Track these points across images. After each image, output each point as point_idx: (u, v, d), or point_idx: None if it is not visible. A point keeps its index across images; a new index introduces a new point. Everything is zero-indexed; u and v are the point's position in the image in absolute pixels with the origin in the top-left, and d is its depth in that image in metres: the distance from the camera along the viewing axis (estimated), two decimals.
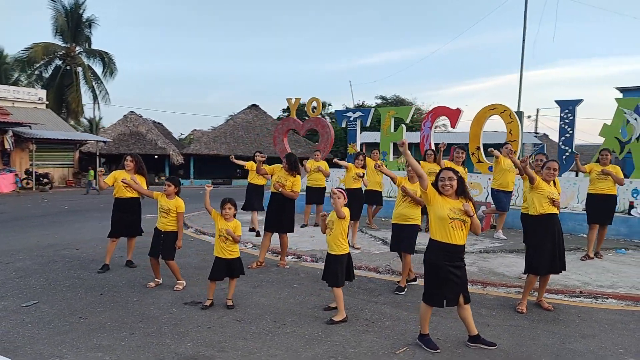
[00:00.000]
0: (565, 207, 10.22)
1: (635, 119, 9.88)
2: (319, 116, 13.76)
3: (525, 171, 5.35)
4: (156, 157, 32.75)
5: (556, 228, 5.36)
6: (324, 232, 5.19)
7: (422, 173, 4.17)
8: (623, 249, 8.51)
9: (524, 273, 5.58)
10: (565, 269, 5.45)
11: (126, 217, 6.86)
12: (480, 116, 11.38)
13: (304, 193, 10.85)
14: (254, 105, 38.65)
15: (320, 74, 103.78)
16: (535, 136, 35.23)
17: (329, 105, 62.87)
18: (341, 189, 5.08)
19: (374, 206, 10.15)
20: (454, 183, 4.12)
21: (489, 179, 10.47)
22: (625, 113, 10.01)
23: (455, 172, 4.18)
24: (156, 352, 4.03)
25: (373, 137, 26.04)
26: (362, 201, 8.20)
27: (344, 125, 13.37)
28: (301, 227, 10.56)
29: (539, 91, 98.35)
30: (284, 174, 7.01)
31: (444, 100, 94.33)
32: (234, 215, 5.33)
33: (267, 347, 4.18)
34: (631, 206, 9.53)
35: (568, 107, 10.57)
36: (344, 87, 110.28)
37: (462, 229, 4.09)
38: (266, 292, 5.85)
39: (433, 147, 11.39)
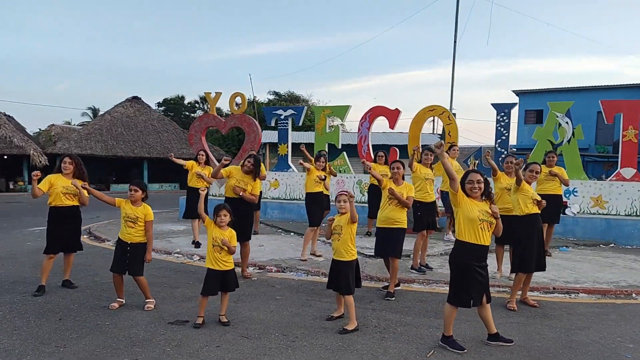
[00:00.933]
0: None
1: (567, 123, 11.49)
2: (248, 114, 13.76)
3: (516, 174, 6.10)
4: (5, 157, 29.89)
5: (539, 226, 6.21)
6: (329, 238, 5.46)
7: (454, 175, 4.64)
8: (564, 247, 9.88)
9: (512, 272, 6.34)
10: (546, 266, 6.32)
11: (65, 229, 6.48)
12: (419, 117, 12.35)
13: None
14: (135, 97, 36.98)
15: (204, 64, 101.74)
16: (439, 136, 38.28)
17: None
18: (346, 191, 5.39)
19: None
20: (482, 186, 4.65)
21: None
22: (557, 116, 11.58)
23: (482, 175, 4.72)
24: None
25: (303, 137, 26.44)
26: (324, 205, 8.53)
27: (273, 123, 13.58)
28: None
29: (426, 90, 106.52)
30: (243, 177, 7.09)
31: (336, 96, 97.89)
32: (229, 223, 5.37)
33: None
34: (565, 206, 11.04)
35: (504, 110, 11.94)
36: (236, 81, 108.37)
37: (489, 230, 4.64)
38: (252, 306, 5.93)
39: (370, 148, 12.11)
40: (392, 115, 12.57)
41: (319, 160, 8.56)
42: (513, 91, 35.68)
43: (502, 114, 11.90)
